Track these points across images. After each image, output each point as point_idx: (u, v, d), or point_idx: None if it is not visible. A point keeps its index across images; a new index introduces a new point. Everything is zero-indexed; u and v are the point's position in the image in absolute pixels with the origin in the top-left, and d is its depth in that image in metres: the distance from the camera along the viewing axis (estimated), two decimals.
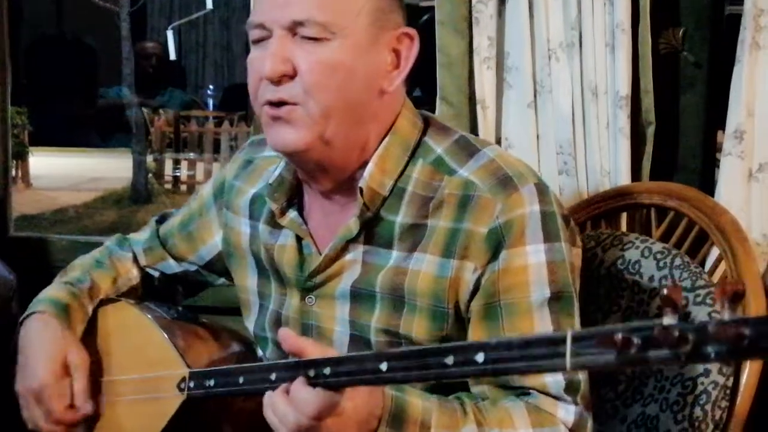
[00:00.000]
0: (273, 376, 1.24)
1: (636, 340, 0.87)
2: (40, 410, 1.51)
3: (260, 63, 1.35)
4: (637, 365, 0.89)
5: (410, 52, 1.40)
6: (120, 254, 1.74)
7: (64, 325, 1.56)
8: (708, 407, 1.51)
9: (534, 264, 1.35)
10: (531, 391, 1.34)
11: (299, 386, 1.16)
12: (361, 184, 1.39)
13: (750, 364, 1.53)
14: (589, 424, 1.36)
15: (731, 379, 1.52)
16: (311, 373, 1.17)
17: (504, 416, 1.30)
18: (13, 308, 2.21)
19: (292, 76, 1.33)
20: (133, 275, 1.73)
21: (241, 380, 1.31)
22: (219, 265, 1.68)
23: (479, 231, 1.35)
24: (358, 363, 1.14)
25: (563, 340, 0.94)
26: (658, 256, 1.67)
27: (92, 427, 1.55)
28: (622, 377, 1.66)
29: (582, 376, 1.36)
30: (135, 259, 1.74)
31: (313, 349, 1.20)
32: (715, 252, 1.70)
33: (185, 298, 1.78)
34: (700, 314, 1.57)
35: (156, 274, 1.75)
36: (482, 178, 1.38)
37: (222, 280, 1.72)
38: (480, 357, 1.02)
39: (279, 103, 1.35)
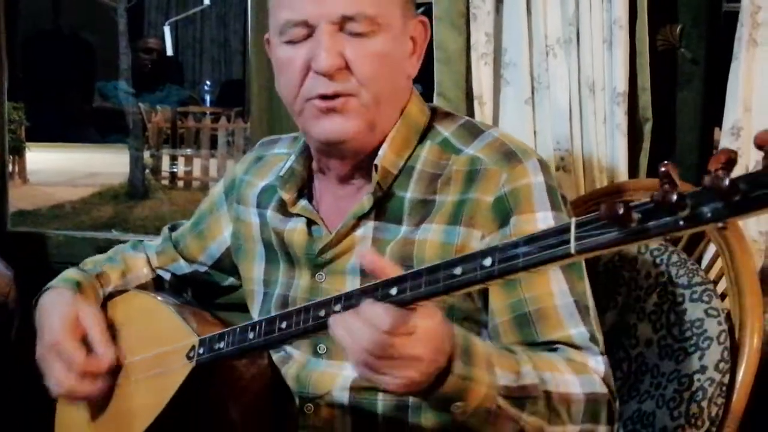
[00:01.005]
0: (284, 325, 1.24)
1: (636, 214, 0.89)
2: (61, 364, 1.50)
3: (304, 59, 1.40)
4: (639, 239, 0.90)
5: (424, 38, 1.50)
6: (132, 254, 1.79)
7: (75, 293, 1.60)
8: (704, 404, 1.52)
9: (544, 228, 1.35)
10: (558, 345, 1.36)
11: (369, 304, 1.13)
12: (376, 161, 1.45)
13: (746, 362, 1.53)
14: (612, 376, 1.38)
15: (727, 376, 1.53)
16: (321, 313, 1.19)
17: (549, 361, 1.32)
18: (11, 303, 2.22)
19: (345, 69, 1.40)
20: (143, 273, 1.77)
21: (251, 336, 1.30)
22: (227, 262, 1.71)
23: (485, 200, 1.40)
24: (366, 294, 1.13)
25: (567, 229, 0.97)
26: (655, 252, 1.67)
27: (102, 407, 1.55)
28: (618, 374, 1.66)
29: (599, 334, 1.39)
30: (147, 261, 1.79)
31: (391, 269, 1.15)
32: (712, 249, 1.70)
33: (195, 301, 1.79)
34: (696, 311, 1.57)
35: (167, 276, 1.78)
36: (488, 154, 1.44)
37: (231, 281, 1.75)
38: (488, 261, 1.04)
39: (333, 96, 1.41)
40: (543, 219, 1.39)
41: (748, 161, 1.95)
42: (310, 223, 1.52)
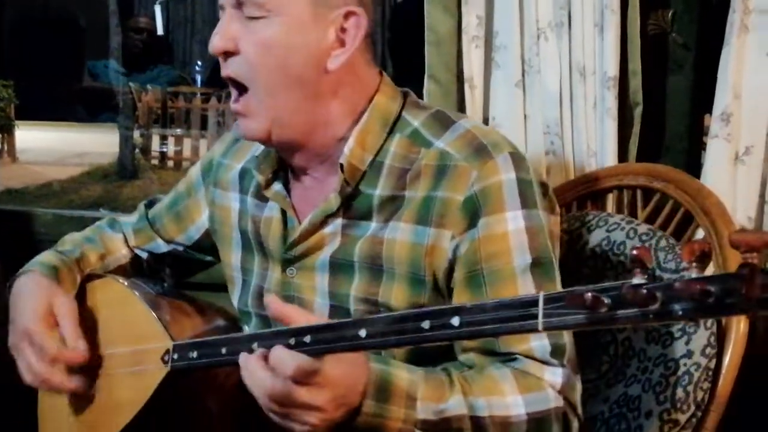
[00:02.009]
0: (255, 346, 1.24)
1: (606, 300, 0.89)
2: (32, 351, 1.50)
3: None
4: (607, 325, 0.91)
5: (357, 31, 1.40)
6: (110, 233, 1.76)
7: (51, 281, 1.58)
8: (690, 388, 1.52)
9: (513, 230, 1.36)
10: (517, 356, 1.35)
11: (279, 348, 1.15)
12: (342, 160, 1.41)
13: (732, 347, 1.54)
14: (578, 386, 1.37)
15: (714, 361, 1.53)
16: (291, 341, 1.17)
17: (491, 384, 1.31)
18: None
19: (236, 54, 1.38)
20: (122, 254, 1.75)
21: (223, 351, 1.30)
22: (206, 243, 1.69)
23: (455, 198, 1.36)
24: (337, 330, 1.14)
25: (535, 302, 0.96)
26: (644, 237, 1.67)
27: (81, 398, 1.55)
28: (604, 357, 1.66)
29: (567, 339, 1.36)
30: (125, 240, 1.76)
31: (297, 316, 1.19)
32: (700, 234, 1.70)
33: (173, 279, 1.78)
34: None
35: (145, 255, 1.76)
36: (458, 148, 1.39)
37: (210, 258, 1.73)
38: (455, 321, 1.04)
39: (237, 86, 1.40)
40: (513, 219, 1.36)
41: (738, 147, 1.95)
42: (285, 210, 1.50)
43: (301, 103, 1.40)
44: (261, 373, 1.16)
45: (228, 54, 1.38)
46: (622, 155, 2.05)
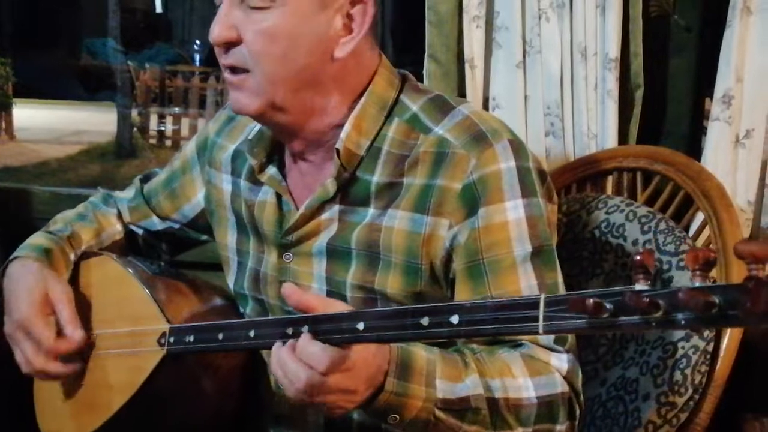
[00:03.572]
0: (252, 333, 1.24)
1: (608, 306, 0.89)
2: (30, 343, 1.50)
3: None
4: (608, 330, 0.90)
5: (364, 17, 1.38)
6: (104, 209, 1.75)
7: (44, 266, 1.56)
8: (688, 371, 1.52)
9: (514, 220, 1.35)
10: (524, 342, 1.35)
11: (307, 342, 1.14)
12: (338, 145, 1.39)
13: (730, 330, 1.54)
14: (580, 372, 1.37)
15: (711, 344, 1.53)
16: (289, 330, 1.17)
17: (503, 366, 1.31)
18: None
19: (238, 44, 1.35)
20: (117, 230, 1.74)
21: (220, 336, 1.30)
22: (202, 222, 1.68)
23: (453, 187, 1.35)
24: (336, 322, 1.14)
25: (536, 305, 0.96)
26: (643, 220, 1.67)
27: (76, 379, 1.54)
28: (602, 340, 1.66)
29: None
30: (119, 216, 1.75)
31: (318, 304, 1.18)
32: (699, 217, 1.70)
33: (169, 256, 1.78)
34: (682, 279, 1.57)
35: (140, 231, 1.75)
36: (456, 135, 1.38)
37: (205, 237, 1.72)
38: (455, 319, 1.04)
39: (230, 68, 1.37)
40: (513, 208, 1.35)
41: (739, 130, 1.95)
42: (280, 194, 1.49)
43: (301, 90, 1.37)
44: (293, 366, 1.15)
45: (229, 44, 1.35)
46: (623, 137, 2.05)
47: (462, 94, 2.10)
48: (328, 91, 1.40)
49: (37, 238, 1.63)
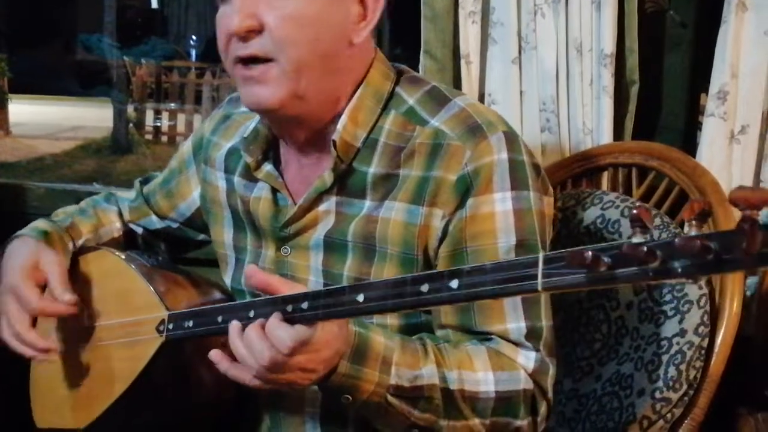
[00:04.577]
0: (252, 314, 1.24)
1: (605, 259, 0.89)
2: (16, 305, 1.50)
3: (228, 19, 1.34)
4: (606, 284, 0.91)
5: (377, 3, 1.39)
6: (105, 206, 1.76)
7: (40, 242, 1.58)
8: (683, 367, 1.52)
9: (501, 212, 1.36)
10: (493, 336, 1.36)
11: (276, 322, 1.17)
12: (334, 137, 1.39)
13: (725, 327, 1.54)
14: (551, 371, 1.38)
15: (706, 340, 1.53)
16: (289, 308, 1.17)
17: (464, 358, 1.33)
18: None
19: (260, 32, 1.33)
20: (116, 227, 1.75)
21: (219, 319, 1.30)
22: (199, 221, 1.69)
23: (448, 178, 1.36)
24: (336, 296, 1.15)
25: (535, 263, 0.97)
26: None
27: (75, 370, 1.55)
28: (597, 336, 1.66)
29: (545, 323, 1.37)
30: (119, 214, 1.76)
31: (280, 285, 1.21)
32: None
33: (168, 254, 1.78)
34: None
35: (139, 230, 1.76)
36: (452, 127, 1.38)
37: (203, 236, 1.73)
38: (454, 283, 1.05)
39: (250, 60, 1.34)
40: (501, 200, 1.35)
41: (734, 126, 1.95)
42: (275, 190, 1.49)
43: (324, 77, 1.36)
44: (258, 345, 1.18)
45: (251, 32, 1.32)
46: (618, 133, 2.05)
47: (457, 89, 2.10)
48: (344, 77, 1.40)
49: (38, 222, 1.64)
